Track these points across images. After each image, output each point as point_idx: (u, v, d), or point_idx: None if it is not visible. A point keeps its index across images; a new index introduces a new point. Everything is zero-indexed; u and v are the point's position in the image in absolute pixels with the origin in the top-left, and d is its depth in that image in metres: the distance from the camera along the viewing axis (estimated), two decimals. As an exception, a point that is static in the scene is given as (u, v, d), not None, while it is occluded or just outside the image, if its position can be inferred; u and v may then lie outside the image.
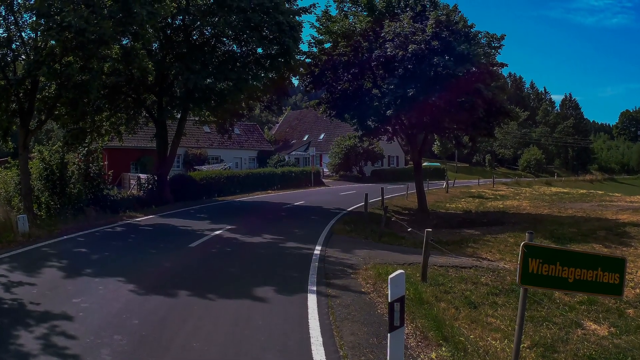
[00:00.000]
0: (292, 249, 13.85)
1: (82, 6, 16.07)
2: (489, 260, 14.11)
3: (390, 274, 6.02)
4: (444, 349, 6.68)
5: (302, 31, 23.36)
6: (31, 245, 13.05)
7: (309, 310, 8.05)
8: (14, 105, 18.06)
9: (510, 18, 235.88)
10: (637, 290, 11.21)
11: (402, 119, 24.86)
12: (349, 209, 24.86)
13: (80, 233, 15.40)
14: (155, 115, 25.81)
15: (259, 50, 23.76)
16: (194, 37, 24.72)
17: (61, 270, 10.41)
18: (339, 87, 25.46)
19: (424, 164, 51.91)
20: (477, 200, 35.39)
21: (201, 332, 6.97)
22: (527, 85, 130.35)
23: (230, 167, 45.17)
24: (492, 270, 12.05)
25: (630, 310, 9.72)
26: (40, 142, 41.78)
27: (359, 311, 8.19)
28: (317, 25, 25.14)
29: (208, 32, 24.47)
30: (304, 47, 33.06)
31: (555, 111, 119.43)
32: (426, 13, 23.15)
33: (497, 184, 50.63)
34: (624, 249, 16.19)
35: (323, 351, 6.48)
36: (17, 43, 17.83)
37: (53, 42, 16.61)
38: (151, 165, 37.30)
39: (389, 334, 5.89)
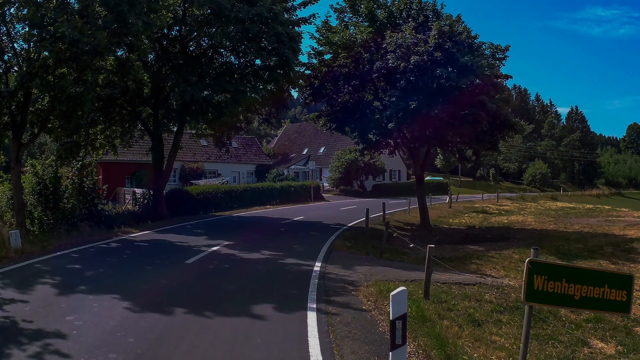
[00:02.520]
0: (292, 265, 13.82)
1: (76, 16, 16.05)
2: (493, 277, 13.98)
3: (392, 291, 6.14)
4: (446, 367, 6.57)
5: (301, 42, 23.27)
6: (24, 262, 12.92)
7: (309, 329, 7.99)
8: (6, 118, 17.89)
9: (515, 29, 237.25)
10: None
11: (404, 132, 24.51)
12: (349, 225, 24.63)
13: (74, 249, 15.30)
14: (151, 128, 25.61)
15: (257, 61, 23.58)
16: (191, 48, 24.58)
17: (54, 287, 10.33)
18: (339, 100, 25.16)
19: (427, 178, 51.55)
20: (480, 215, 35.06)
21: (198, 351, 6.92)
22: (533, 97, 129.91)
23: (228, 181, 44.89)
24: (497, 287, 11.97)
25: (638, 328, 9.60)
26: (33, 156, 41.43)
27: (360, 329, 8.14)
28: (317, 36, 24.94)
29: (205, 43, 24.31)
30: (303, 58, 32.77)
31: (561, 124, 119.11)
32: (429, 23, 22.89)
33: (501, 198, 50.09)
34: (631, 265, 16.03)
35: (323, 370, 6.42)
36: (10, 54, 17.72)
37: (46, 53, 16.40)
38: (147, 180, 37.10)
39: (390, 353, 5.99)
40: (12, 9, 17.02)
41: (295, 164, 62.82)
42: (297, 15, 24.68)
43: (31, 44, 16.51)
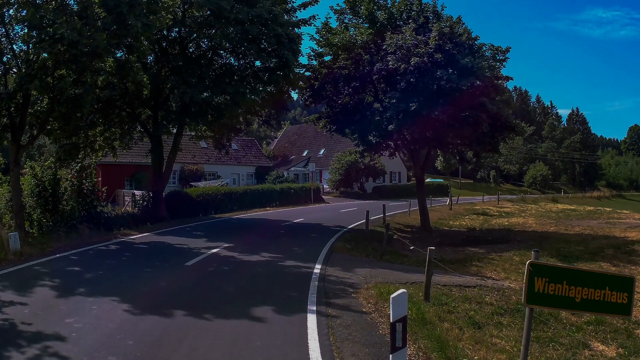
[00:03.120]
0: (291, 267, 13.79)
1: (75, 18, 15.98)
2: (493, 279, 13.90)
3: (392, 293, 6.16)
4: (447, 370, 6.56)
5: (301, 43, 23.16)
6: (23, 264, 12.90)
7: (309, 331, 7.99)
8: (5, 119, 17.78)
9: (516, 30, 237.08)
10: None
11: (404, 134, 24.41)
12: (349, 227, 24.57)
13: (73, 251, 15.24)
14: (151, 130, 25.54)
15: (257, 63, 23.51)
16: (191, 50, 24.48)
17: (54, 289, 10.29)
18: (339, 101, 25.10)
19: (427, 180, 51.42)
20: (481, 217, 34.96)
21: (197, 354, 6.90)
22: (533, 99, 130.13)
23: (227, 183, 44.81)
24: (497, 290, 11.91)
25: (639, 331, 9.48)
26: (32, 158, 41.65)
27: (360, 331, 8.14)
28: (317, 38, 24.81)
29: (205, 44, 24.20)
30: (303, 60, 32.82)
31: (562, 126, 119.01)
32: (429, 25, 22.79)
33: (502, 200, 49.87)
34: (632, 267, 15.92)
35: (323, 373, 6.40)
36: (8, 56, 17.58)
37: (45, 54, 16.36)
38: (146, 182, 37.04)
39: (390, 355, 6.01)
40: (11, 10, 16.91)
41: (295, 166, 62.77)
42: (297, 16, 24.58)
43: (30, 45, 16.45)
